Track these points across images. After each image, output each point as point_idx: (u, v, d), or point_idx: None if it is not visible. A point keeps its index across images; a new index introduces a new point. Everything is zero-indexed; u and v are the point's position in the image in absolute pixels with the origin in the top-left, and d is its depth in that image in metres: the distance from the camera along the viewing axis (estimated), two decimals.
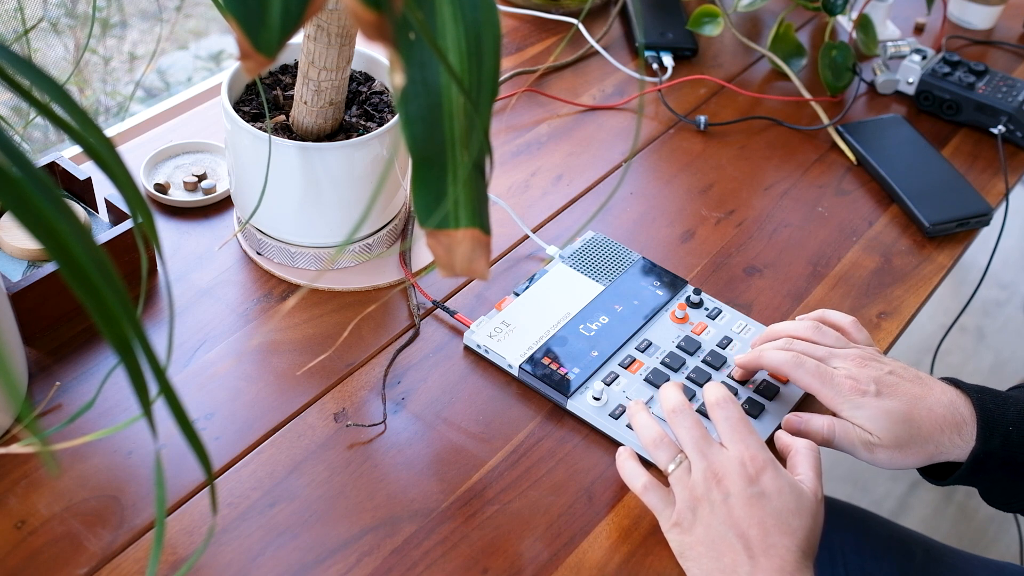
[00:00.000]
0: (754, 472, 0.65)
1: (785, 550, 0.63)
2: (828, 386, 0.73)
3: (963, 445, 0.72)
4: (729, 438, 0.68)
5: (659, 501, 0.69)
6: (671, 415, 0.70)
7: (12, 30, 0.99)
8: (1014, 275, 2.17)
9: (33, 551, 0.66)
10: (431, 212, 0.56)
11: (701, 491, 0.66)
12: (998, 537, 1.71)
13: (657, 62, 1.16)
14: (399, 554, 0.68)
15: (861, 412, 0.72)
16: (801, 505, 0.65)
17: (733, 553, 0.64)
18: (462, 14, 0.53)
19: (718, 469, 0.66)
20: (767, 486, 0.65)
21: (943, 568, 0.91)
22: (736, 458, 0.66)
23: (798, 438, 0.71)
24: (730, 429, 0.68)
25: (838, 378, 0.73)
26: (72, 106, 0.45)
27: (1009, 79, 1.12)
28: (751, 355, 0.78)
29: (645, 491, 0.69)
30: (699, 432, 0.68)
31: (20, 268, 0.81)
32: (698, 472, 0.66)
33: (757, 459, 0.66)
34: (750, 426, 0.69)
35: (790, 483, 0.66)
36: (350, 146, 0.79)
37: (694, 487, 0.66)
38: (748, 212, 0.99)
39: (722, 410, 0.69)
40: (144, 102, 1.94)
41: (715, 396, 0.70)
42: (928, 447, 0.72)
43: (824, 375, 0.73)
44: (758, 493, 0.65)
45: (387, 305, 0.86)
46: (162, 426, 0.48)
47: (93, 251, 0.40)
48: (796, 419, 0.75)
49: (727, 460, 0.66)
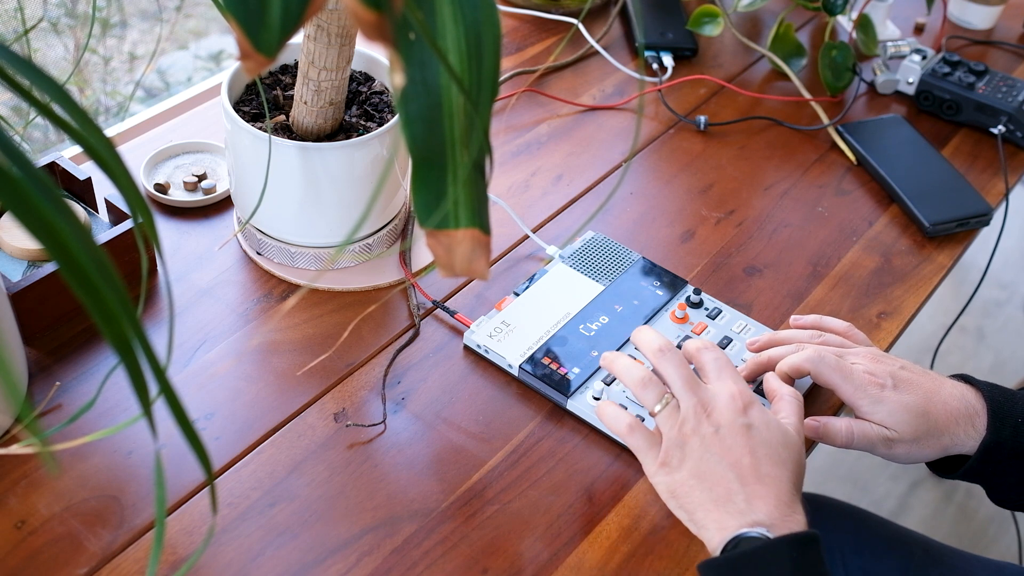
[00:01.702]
0: (742, 405, 0.67)
1: (778, 480, 0.65)
2: (849, 381, 0.73)
3: (976, 436, 0.73)
4: (716, 376, 0.69)
5: (644, 441, 0.68)
6: (657, 355, 0.70)
7: (12, 30, 0.99)
8: (1014, 275, 2.17)
9: (33, 551, 0.66)
10: (431, 212, 0.56)
11: (691, 426, 0.66)
12: (998, 537, 1.71)
13: (657, 62, 1.16)
14: (399, 554, 0.68)
15: (881, 407, 0.72)
16: (788, 440, 0.67)
17: (726, 483, 0.64)
18: (462, 14, 0.53)
19: (708, 403, 0.67)
20: (755, 419, 0.67)
21: (943, 568, 0.91)
22: (725, 391, 0.68)
23: (785, 384, 0.73)
24: (717, 368, 0.70)
25: (857, 373, 0.73)
26: (72, 106, 0.45)
27: (1009, 79, 1.12)
28: (766, 354, 0.78)
29: (631, 432, 0.69)
30: (686, 370, 0.69)
31: (20, 268, 0.81)
32: (688, 408, 0.67)
33: (745, 394, 0.68)
34: (734, 368, 0.70)
35: (776, 420, 0.68)
36: (350, 146, 0.79)
37: (683, 423, 0.67)
38: (748, 212, 0.99)
39: (709, 352, 0.71)
40: (144, 102, 1.94)
41: (698, 343, 0.72)
42: (944, 439, 0.73)
43: (845, 370, 0.74)
44: (748, 424, 0.66)
45: (387, 305, 0.86)
46: (162, 426, 0.48)
47: (93, 251, 0.40)
48: (815, 423, 0.75)
49: (716, 394, 0.68)
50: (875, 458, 1.79)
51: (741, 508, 0.64)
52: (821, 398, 0.81)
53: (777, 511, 0.63)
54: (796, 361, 0.75)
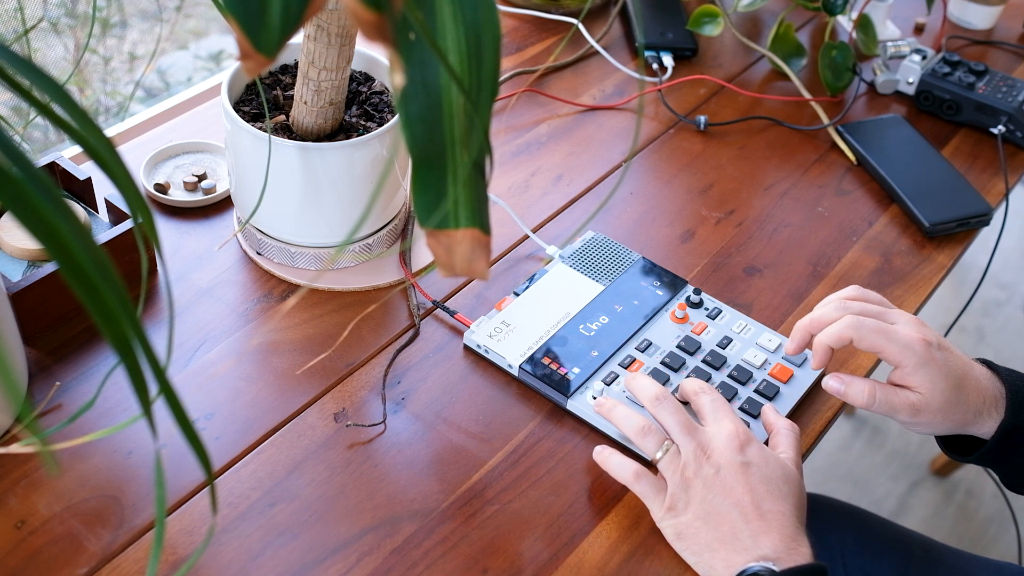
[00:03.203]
0: (740, 444, 0.68)
1: (781, 514, 0.65)
2: (893, 341, 0.72)
3: (996, 419, 0.74)
4: (712, 418, 0.71)
5: (650, 488, 0.70)
6: (653, 403, 0.71)
7: (12, 30, 0.99)
8: (1014, 275, 2.17)
9: (33, 551, 0.66)
10: (431, 212, 0.56)
11: (692, 470, 0.68)
12: (998, 537, 1.71)
13: (657, 62, 1.16)
14: (399, 554, 0.68)
15: (924, 370, 0.71)
16: (787, 474, 0.68)
17: (731, 521, 0.66)
18: (462, 14, 0.53)
19: (706, 445, 0.68)
20: (754, 456, 0.68)
21: (943, 568, 0.91)
22: (723, 432, 0.69)
23: (782, 418, 0.74)
24: (713, 410, 0.71)
25: (900, 333, 0.72)
26: (72, 106, 0.45)
27: (1009, 79, 1.12)
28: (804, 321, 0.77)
29: (637, 479, 0.70)
30: (683, 416, 0.70)
31: (20, 268, 0.81)
32: (688, 453, 0.68)
33: (742, 433, 0.69)
34: (731, 408, 0.72)
35: (774, 455, 0.69)
36: (350, 146, 0.79)
37: (685, 467, 0.68)
38: (748, 212, 0.99)
39: (705, 395, 0.72)
40: (144, 102, 1.94)
41: (695, 385, 0.74)
42: (967, 415, 0.73)
43: (887, 331, 0.72)
44: (746, 462, 0.67)
45: (387, 305, 0.86)
46: (162, 426, 0.48)
47: (93, 251, 0.40)
48: (839, 384, 0.74)
49: (713, 436, 0.69)
50: (875, 458, 1.80)
51: (747, 545, 0.65)
52: (820, 399, 0.81)
53: (782, 544, 0.64)
54: (836, 330, 0.73)
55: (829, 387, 0.75)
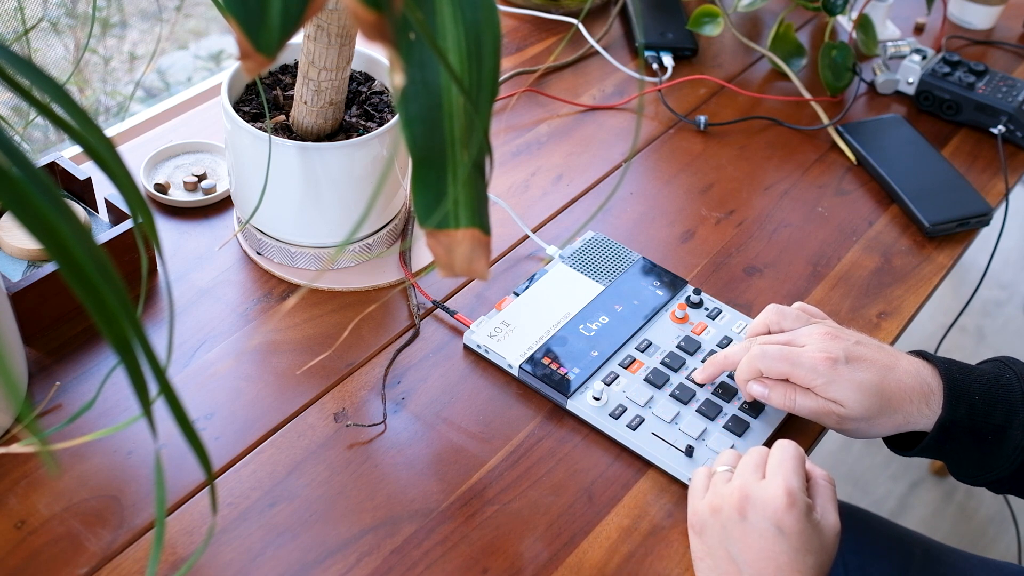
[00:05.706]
0: (781, 508, 0.64)
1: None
2: (798, 366, 0.72)
3: (930, 415, 0.72)
4: (773, 472, 0.67)
5: (699, 482, 0.70)
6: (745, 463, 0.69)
7: (12, 30, 0.99)
8: (1014, 275, 2.17)
9: (33, 551, 0.66)
10: (431, 212, 0.56)
11: (724, 512, 0.66)
12: (998, 537, 1.71)
13: (657, 62, 1.16)
14: (399, 554, 0.68)
15: (834, 386, 0.72)
16: (824, 544, 0.65)
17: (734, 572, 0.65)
18: (462, 14, 0.53)
19: (750, 492, 0.65)
20: (790, 526, 0.64)
21: (943, 568, 0.91)
22: (771, 489, 0.65)
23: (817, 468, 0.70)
24: (778, 462, 0.67)
25: (806, 355, 0.73)
26: (72, 106, 0.45)
27: (1009, 79, 1.12)
28: (718, 357, 0.78)
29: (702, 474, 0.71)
30: (756, 459, 0.68)
31: (20, 268, 0.81)
32: (730, 492, 0.66)
33: (792, 494, 0.65)
34: (798, 466, 0.67)
35: (814, 525, 0.65)
36: (350, 146, 0.79)
37: (718, 498, 0.67)
38: (748, 212, 0.99)
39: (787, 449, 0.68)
40: (144, 102, 1.94)
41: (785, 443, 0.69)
42: (897, 417, 0.72)
43: (791, 356, 0.73)
44: (779, 531, 0.64)
45: (387, 305, 0.86)
46: (162, 426, 0.48)
47: (93, 251, 0.40)
48: (760, 386, 0.75)
49: (761, 488, 0.66)
50: (875, 458, 1.80)
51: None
52: None
53: None
54: (745, 365, 0.75)
55: (753, 391, 0.75)
